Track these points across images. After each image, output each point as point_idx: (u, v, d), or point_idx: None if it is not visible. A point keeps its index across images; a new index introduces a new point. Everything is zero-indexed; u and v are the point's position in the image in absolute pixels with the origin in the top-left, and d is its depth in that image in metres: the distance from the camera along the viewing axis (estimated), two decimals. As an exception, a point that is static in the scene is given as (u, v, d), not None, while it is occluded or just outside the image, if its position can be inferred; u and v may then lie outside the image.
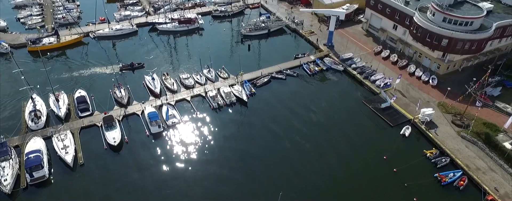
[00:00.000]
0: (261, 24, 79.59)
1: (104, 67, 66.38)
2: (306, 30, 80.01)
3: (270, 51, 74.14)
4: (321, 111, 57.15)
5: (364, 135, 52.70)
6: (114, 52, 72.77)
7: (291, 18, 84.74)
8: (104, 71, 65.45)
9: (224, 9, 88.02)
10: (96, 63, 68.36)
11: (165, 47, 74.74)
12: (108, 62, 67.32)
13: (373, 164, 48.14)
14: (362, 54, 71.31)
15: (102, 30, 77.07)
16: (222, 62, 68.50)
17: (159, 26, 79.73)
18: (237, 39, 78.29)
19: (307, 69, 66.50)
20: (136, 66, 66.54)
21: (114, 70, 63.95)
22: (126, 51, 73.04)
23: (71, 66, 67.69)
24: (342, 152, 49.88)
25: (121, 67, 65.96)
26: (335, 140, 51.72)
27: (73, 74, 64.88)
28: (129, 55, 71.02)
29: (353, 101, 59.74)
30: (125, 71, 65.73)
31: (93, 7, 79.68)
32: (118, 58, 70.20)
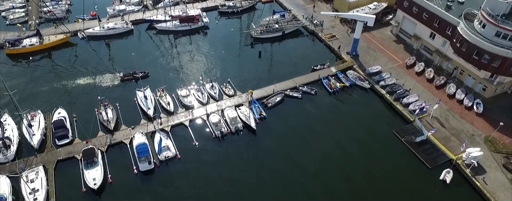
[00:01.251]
0: (274, 25, 69.26)
1: (94, 77, 57.23)
2: (326, 34, 69.45)
3: (284, 59, 63.84)
4: (342, 144, 47.66)
5: (394, 179, 43.58)
6: (107, 56, 63.29)
7: (309, 17, 74.30)
8: (93, 81, 56.39)
9: (232, 4, 77.04)
10: (84, 70, 59.17)
11: (162, 52, 64.66)
12: (100, 70, 58.82)
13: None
14: (392, 67, 60.99)
15: (92, 29, 67.44)
16: (228, 72, 59.17)
17: (158, 24, 69.78)
18: (246, 42, 68.11)
19: (327, 85, 56.64)
20: (139, 76, 57.05)
21: (111, 81, 55.66)
22: (120, 55, 63.42)
23: (54, 74, 58.67)
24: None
25: (122, 76, 56.65)
26: (359, 186, 42.64)
27: (55, 86, 55.93)
28: (124, 61, 61.37)
29: (382, 130, 49.89)
30: (127, 81, 56.30)
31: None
32: (112, 64, 60.85)
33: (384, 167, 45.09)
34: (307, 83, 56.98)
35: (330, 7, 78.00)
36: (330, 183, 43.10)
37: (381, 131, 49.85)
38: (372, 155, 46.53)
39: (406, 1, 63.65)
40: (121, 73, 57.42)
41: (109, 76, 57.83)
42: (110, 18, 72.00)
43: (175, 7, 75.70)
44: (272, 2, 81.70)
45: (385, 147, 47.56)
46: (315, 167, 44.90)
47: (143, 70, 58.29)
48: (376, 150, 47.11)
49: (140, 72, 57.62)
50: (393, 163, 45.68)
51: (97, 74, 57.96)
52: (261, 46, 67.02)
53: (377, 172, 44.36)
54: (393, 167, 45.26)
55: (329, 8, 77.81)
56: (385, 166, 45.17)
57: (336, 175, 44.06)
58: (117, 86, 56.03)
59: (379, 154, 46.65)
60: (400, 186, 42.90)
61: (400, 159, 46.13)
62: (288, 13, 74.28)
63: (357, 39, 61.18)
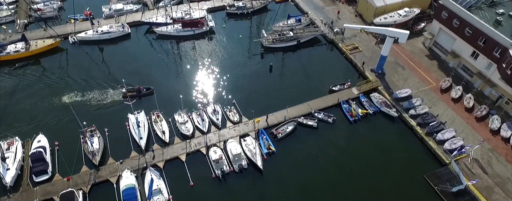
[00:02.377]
0: (289, 33, 60.68)
1: (83, 93, 50.67)
2: (348, 44, 60.38)
3: (298, 75, 55.60)
4: (361, 194, 40.30)
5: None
6: (100, 65, 56.05)
7: (329, 23, 65.60)
8: (82, 98, 49.93)
9: (242, 5, 68.31)
10: (73, 83, 52.34)
11: (160, 63, 57.06)
12: (91, 83, 52.03)
13: None
14: (423, 90, 52.41)
15: (84, 33, 60.16)
16: (234, 90, 51.78)
17: (157, 29, 62.13)
18: (256, 51, 59.87)
19: (347, 112, 49.17)
20: (144, 92, 50.49)
21: (112, 97, 49.26)
22: (115, 64, 56.33)
23: (39, 88, 52.06)
24: None
25: (125, 93, 49.32)
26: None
27: (39, 103, 49.36)
28: (118, 71, 54.60)
29: (411, 173, 42.24)
30: (130, 98, 48.74)
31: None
32: (109, 75, 53.92)
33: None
34: (324, 109, 49.48)
35: (352, 10, 69.00)
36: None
37: (410, 174, 42.19)
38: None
39: (445, 11, 54.39)
40: (124, 88, 50.06)
41: (103, 90, 51.10)
42: (106, 18, 64.97)
43: (178, 6, 67.85)
44: (286, 1, 73.19)
45: (414, 195, 40.17)
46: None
47: (145, 85, 51.07)
48: (404, 198, 39.88)
49: (144, 88, 50.96)
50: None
51: (88, 89, 51.30)
52: (272, 57, 58.84)
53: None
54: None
55: (352, 11, 68.89)
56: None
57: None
58: (112, 105, 49.16)
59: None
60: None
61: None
62: (305, 17, 65.89)
63: (384, 56, 52.52)
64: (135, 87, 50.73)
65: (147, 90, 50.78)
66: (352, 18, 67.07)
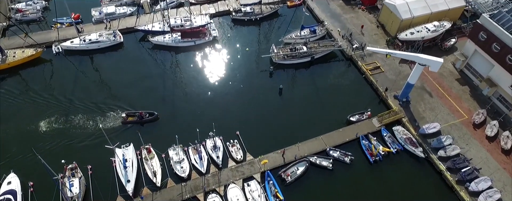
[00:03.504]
0: (302, 48, 52.95)
1: (70, 116, 44.50)
2: (369, 63, 52.81)
3: (311, 100, 48.69)
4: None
5: None
6: (87, 80, 49.37)
7: (347, 35, 57.73)
8: (68, 123, 43.67)
9: (249, 10, 60.54)
10: (55, 103, 46.07)
11: (154, 80, 50.08)
12: (77, 103, 45.87)
13: None
14: (453, 124, 45.52)
15: (70, 42, 52.95)
16: (238, 119, 45.32)
17: (153, 38, 54.73)
18: (264, 67, 52.62)
19: (366, 149, 42.67)
20: (146, 118, 44.32)
21: (102, 123, 43.21)
22: (103, 80, 49.68)
23: (15, 110, 45.55)
24: None
25: (124, 118, 43.81)
26: None
27: (13, 131, 42.92)
28: (105, 88, 48.27)
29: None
30: (131, 124, 43.85)
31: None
32: (97, 93, 47.52)
33: None
34: (340, 145, 43.37)
35: (373, 20, 60.75)
36: None
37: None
38: None
39: (484, 32, 47.08)
40: (124, 112, 44.40)
41: (90, 114, 44.80)
42: (96, 23, 57.51)
43: (177, 10, 60.24)
44: (300, 5, 65.50)
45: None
46: None
47: (147, 110, 44.75)
48: None
49: (146, 113, 44.70)
50: None
51: (72, 111, 44.98)
52: (283, 76, 51.61)
53: None
54: None
55: (373, 21, 60.58)
56: None
57: None
58: (99, 136, 42.26)
59: None
60: None
61: None
62: (321, 28, 58.04)
63: (411, 84, 45.94)
64: (137, 112, 44.26)
65: (150, 116, 44.45)
66: (372, 29, 59.49)
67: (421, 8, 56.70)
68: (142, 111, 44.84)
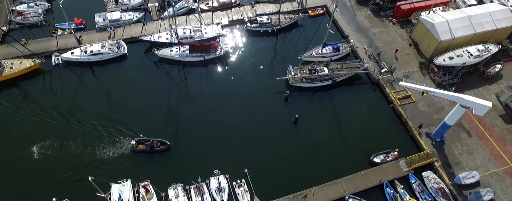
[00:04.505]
0: (323, 70, 46.75)
1: (67, 140, 40.72)
2: (398, 90, 46.43)
3: (330, 133, 43.11)
4: None
5: None
6: (88, 96, 45.35)
7: (375, 55, 50.60)
8: (65, 149, 39.95)
9: (266, 21, 54.46)
10: (50, 122, 42.26)
11: (158, 99, 45.65)
12: (74, 126, 41.97)
13: None
14: (495, 172, 39.13)
15: (71, 54, 48.66)
16: (247, 150, 40.66)
17: (159, 51, 49.54)
18: (279, 89, 46.88)
19: (390, 199, 37.18)
20: (157, 148, 40.20)
21: (103, 150, 39.46)
22: (107, 95, 45.86)
23: (6, 128, 41.88)
24: None
25: (135, 145, 39.82)
26: None
27: (4, 158, 39.23)
28: (112, 105, 44.49)
29: None
30: (139, 153, 40.05)
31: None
32: (99, 112, 43.72)
33: None
34: (361, 192, 38.12)
35: (406, 36, 53.51)
36: None
37: None
38: None
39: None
40: (133, 139, 40.32)
41: (89, 138, 40.94)
42: (99, 31, 52.92)
43: (187, 17, 54.75)
44: (323, 15, 58.97)
45: None
46: None
47: (156, 137, 40.49)
48: None
49: (157, 141, 40.46)
50: None
51: (70, 134, 41.14)
52: (299, 101, 46.02)
53: None
54: None
55: (405, 37, 53.24)
56: None
57: None
58: (98, 165, 39.03)
59: None
60: None
61: None
62: (345, 45, 51.43)
63: (448, 125, 39.48)
64: (147, 142, 39.96)
65: (163, 146, 40.23)
66: (404, 48, 52.30)
67: (464, 27, 49.48)
68: (153, 139, 40.55)
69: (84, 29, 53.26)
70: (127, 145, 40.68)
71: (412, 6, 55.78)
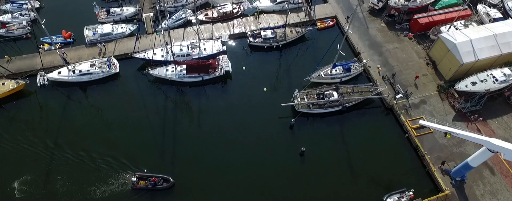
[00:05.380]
0: (332, 95, 42.55)
1: (53, 175, 37.32)
2: (414, 119, 42.00)
3: (339, 169, 39.53)
4: None
5: None
6: (76, 121, 41.69)
7: (389, 77, 45.94)
8: (50, 186, 36.52)
9: (271, 35, 49.65)
10: (33, 150, 38.88)
11: (154, 124, 42.07)
12: (60, 156, 38.45)
13: None
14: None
15: (58, 73, 44.57)
16: (247, 188, 37.30)
17: (154, 71, 45.50)
18: (283, 113, 42.83)
19: None
20: (159, 186, 36.83)
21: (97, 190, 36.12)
22: (97, 120, 42.09)
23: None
24: None
25: (135, 181, 36.57)
26: None
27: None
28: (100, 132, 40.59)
29: None
30: (140, 190, 36.83)
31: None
32: (88, 140, 40.12)
33: None
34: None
35: (423, 53, 48.85)
36: None
37: None
38: None
39: None
40: (134, 175, 36.97)
41: (79, 171, 37.39)
42: (89, 46, 48.47)
43: (185, 29, 49.93)
44: (332, 27, 54.33)
45: None
46: None
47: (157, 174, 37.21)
48: None
49: (160, 178, 37.07)
50: None
51: (56, 167, 37.73)
52: (306, 128, 42.15)
53: None
54: None
55: (422, 54, 48.61)
56: None
57: None
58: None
59: None
60: None
61: None
62: (356, 65, 46.68)
63: (471, 167, 35.13)
64: (150, 178, 36.61)
65: (166, 183, 36.95)
66: (421, 68, 47.63)
67: (489, 48, 44.76)
68: (155, 175, 37.13)
69: (72, 44, 49.13)
70: (125, 180, 37.27)
71: (430, 19, 50.90)
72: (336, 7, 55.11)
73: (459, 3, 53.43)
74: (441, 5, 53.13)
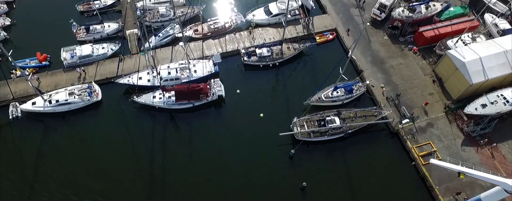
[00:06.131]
0: (334, 121, 39.28)
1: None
2: (421, 144, 39.40)
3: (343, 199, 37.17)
4: None
5: None
6: (54, 160, 38.05)
7: (394, 98, 42.66)
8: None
9: (267, 53, 45.91)
10: (6, 194, 35.32)
11: (142, 157, 38.71)
12: None
13: None
14: None
15: (32, 104, 40.23)
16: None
17: (139, 98, 41.40)
18: (282, 141, 39.58)
19: None
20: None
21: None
22: (75, 158, 38.28)
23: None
24: None
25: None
26: None
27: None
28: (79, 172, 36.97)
29: None
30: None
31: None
32: (66, 182, 36.49)
33: None
34: None
35: (428, 69, 45.66)
36: None
37: None
38: None
39: None
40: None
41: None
42: (67, 70, 43.91)
43: (173, 48, 45.73)
44: (331, 41, 50.71)
45: None
46: None
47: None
48: None
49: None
50: None
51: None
52: (306, 159, 39.02)
53: None
54: None
55: (427, 71, 45.41)
56: None
57: None
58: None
59: None
60: None
61: None
62: (359, 86, 43.27)
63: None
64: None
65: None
66: (426, 86, 44.55)
67: (499, 66, 41.68)
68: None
69: (49, 67, 44.69)
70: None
71: (436, 32, 47.60)
72: (335, 18, 51.31)
73: (465, 13, 50.44)
74: (447, 16, 49.76)
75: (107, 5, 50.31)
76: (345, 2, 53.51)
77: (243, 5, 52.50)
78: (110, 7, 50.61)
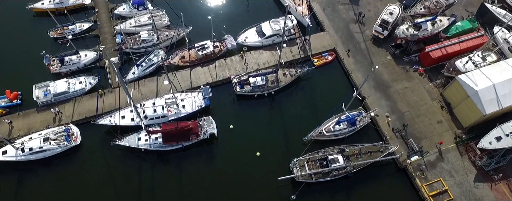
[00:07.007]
0: (337, 160, 35.90)
1: None
2: (430, 182, 36.25)
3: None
4: None
5: None
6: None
7: (400, 129, 39.27)
8: None
9: (261, 82, 41.72)
10: None
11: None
12: None
13: None
14: None
15: (2, 154, 35.68)
16: None
17: (123, 141, 37.32)
18: (283, 184, 35.87)
19: None
20: None
21: None
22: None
23: None
24: None
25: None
26: None
27: None
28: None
29: None
30: None
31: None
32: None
33: None
34: None
35: (435, 92, 42.28)
36: None
37: None
38: None
39: None
40: None
41: None
42: (41, 110, 39.61)
43: (157, 78, 41.48)
44: (330, 62, 46.70)
45: None
46: None
47: None
48: None
49: None
50: None
51: None
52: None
53: None
54: None
55: (434, 95, 42.01)
56: None
57: None
58: None
59: None
60: None
61: None
62: (363, 117, 39.64)
63: None
64: None
65: None
66: (433, 113, 41.09)
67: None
68: None
69: (20, 106, 40.13)
70: None
71: (443, 52, 44.07)
72: (334, 37, 47.17)
73: (474, 28, 46.78)
74: (455, 31, 46.25)
75: (83, 30, 45.76)
76: (343, 17, 49.41)
77: (233, 25, 47.90)
78: (86, 32, 46.07)
